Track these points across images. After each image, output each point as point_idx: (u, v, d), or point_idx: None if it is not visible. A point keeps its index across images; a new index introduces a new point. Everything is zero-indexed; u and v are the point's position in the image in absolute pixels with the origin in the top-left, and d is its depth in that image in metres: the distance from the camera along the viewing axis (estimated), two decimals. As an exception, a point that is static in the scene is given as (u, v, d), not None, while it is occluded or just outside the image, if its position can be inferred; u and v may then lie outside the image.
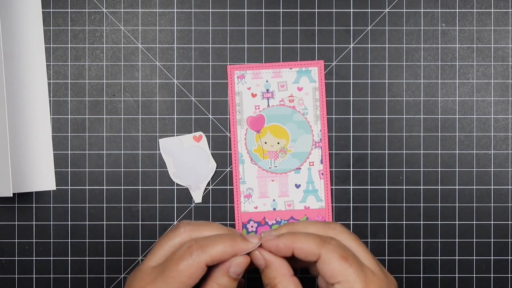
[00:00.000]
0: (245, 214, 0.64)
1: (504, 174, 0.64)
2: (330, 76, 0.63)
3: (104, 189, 0.64)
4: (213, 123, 0.64)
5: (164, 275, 0.51)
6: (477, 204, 0.64)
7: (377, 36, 0.64)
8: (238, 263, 0.53)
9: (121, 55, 0.64)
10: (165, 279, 0.51)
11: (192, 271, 0.51)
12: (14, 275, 0.64)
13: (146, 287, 0.52)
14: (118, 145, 0.64)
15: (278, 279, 0.53)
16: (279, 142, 0.63)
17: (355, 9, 0.64)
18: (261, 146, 0.63)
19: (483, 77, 0.64)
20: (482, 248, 0.64)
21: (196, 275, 0.51)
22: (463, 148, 0.64)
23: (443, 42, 0.64)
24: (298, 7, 0.64)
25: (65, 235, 0.64)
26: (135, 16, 0.64)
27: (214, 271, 0.53)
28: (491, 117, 0.64)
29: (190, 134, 0.64)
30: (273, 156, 0.63)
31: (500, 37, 0.64)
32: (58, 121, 0.64)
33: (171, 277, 0.51)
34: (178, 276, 0.51)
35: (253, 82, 0.63)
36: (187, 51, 0.64)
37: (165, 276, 0.51)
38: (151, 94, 0.64)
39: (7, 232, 0.64)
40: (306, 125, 0.63)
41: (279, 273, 0.54)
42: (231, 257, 0.53)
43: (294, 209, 0.64)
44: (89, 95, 0.64)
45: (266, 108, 0.63)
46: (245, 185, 0.64)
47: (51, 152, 0.64)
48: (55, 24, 0.64)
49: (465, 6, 0.64)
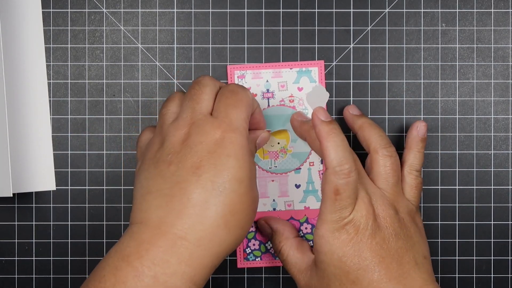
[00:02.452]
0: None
1: (504, 174, 0.64)
2: (330, 76, 0.63)
3: (104, 189, 0.64)
4: (213, 123, 0.64)
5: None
6: (477, 204, 0.64)
7: (377, 36, 0.64)
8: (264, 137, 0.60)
9: (121, 55, 0.64)
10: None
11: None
12: (14, 275, 0.64)
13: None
14: (118, 145, 0.64)
15: (282, 242, 0.59)
16: (279, 142, 0.63)
17: (355, 9, 0.64)
18: (261, 146, 0.63)
19: (483, 77, 0.64)
20: (482, 248, 0.64)
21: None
22: (463, 148, 0.64)
23: (443, 42, 0.64)
24: (298, 7, 0.64)
25: (65, 235, 0.64)
26: (135, 16, 0.64)
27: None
28: (491, 117, 0.64)
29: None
30: (273, 156, 0.63)
31: (500, 37, 0.64)
32: (58, 121, 0.64)
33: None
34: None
35: (253, 82, 0.63)
36: (187, 51, 0.64)
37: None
38: (151, 94, 0.64)
39: (7, 232, 0.64)
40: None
41: (283, 237, 0.60)
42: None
43: (294, 209, 0.64)
44: (89, 95, 0.64)
45: (267, 108, 0.63)
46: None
47: (51, 152, 0.63)
48: (55, 24, 0.64)
49: (465, 6, 0.64)
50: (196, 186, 0.50)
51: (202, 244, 0.50)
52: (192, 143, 0.52)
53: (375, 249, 0.53)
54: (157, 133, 0.55)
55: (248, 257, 0.63)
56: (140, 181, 0.53)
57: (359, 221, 0.53)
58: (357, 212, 0.54)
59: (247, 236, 0.63)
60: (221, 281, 0.64)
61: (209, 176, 0.51)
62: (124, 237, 0.51)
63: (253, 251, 0.63)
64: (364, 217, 0.54)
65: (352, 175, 0.53)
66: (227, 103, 0.54)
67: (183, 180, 0.51)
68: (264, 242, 0.63)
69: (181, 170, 0.51)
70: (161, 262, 0.49)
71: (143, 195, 0.52)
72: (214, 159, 0.51)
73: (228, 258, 0.64)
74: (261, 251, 0.63)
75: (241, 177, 0.51)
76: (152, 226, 0.50)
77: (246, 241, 0.63)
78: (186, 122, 0.53)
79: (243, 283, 0.64)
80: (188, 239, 0.50)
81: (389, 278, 0.53)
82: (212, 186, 0.50)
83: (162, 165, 0.52)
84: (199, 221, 0.50)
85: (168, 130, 0.53)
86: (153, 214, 0.51)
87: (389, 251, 0.54)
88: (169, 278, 0.49)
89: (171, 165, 0.51)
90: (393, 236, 0.54)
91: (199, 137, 0.52)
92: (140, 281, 0.49)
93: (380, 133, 0.58)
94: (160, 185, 0.51)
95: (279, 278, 0.64)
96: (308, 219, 0.63)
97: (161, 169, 0.52)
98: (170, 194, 0.51)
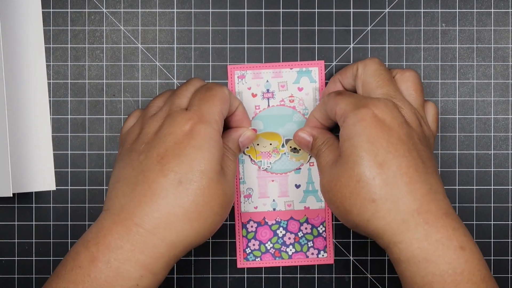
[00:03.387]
0: (245, 214, 0.64)
1: (504, 174, 0.64)
2: (331, 76, 0.63)
3: (104, 189, 0.64)
4: (213, 123, 0.64)
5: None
6: (477, 204, 0.64)
7: (377, 36, 0.64)
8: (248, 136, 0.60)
9: (121, 55, 0.64)
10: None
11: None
12: (14, 275, 0.64)
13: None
14: (118, 145, 0.64)
15: (326, 141, 0.58)
16: (271, 143, 0.63)
17: (355, 9, 0.64)
18: (253, 147, 0.63)
19: (483, 77, 0.64)
20: (482, 248, 0.63)
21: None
22: (463, 148, 0.64)
23: (443, 42, 0.64)
24: (298, 7, 0.64)
25: (65, 235, 0.64)
26: (135, 16, 0.64)
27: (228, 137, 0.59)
28: (491, 117, 0.64)
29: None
30: (265, 157, 0.63)
31: (500, 37, 0.64)
32: (58, 121, 0.64)
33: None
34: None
35: (253, 82, 0.63)
36: (187, 51, 0.64)
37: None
38: (151, 94, 0.64)
39: (7, 232, 0.64)
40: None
41: (326, 137, 0.58)
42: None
43: (294, 209, 0.64)
44: (89, 95, 0.64)
45: (267, 108, 0.63)
46: (245, 185, 0.64)
47: (51, 152, 0.63)
48: (55, 24, 0.64)
49: (465, 6, 0.64)
50: (158, 175, 0.52)
51: (157, 232, 0.51)
52: (162, 134, 0.53)
53: (404, 139, 0.53)
54: (137, 123, 0.57)
55: (248, 257, 0.63)
56: (114, 170, 0.55)
57: (389, 109, 0.54)
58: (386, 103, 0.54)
59: (247, 236, 0.63)
60: (221, 281, 0.64)
61: (171, 166, 0.52)
62: (92, 224, 0.54)
63: (253, 251, 0.63)
64: (394, 109, 0.54)
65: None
66: (201, 97, 0.55)
67: (147, 169, 0.52)
68: (264, 242, 0.63)
69: (148, 159, 0.53)
70: (115, 248, 0.51)
71: (113, 183, 0.54)
72: (179, 150, 0.52)
73: (228, 258, 0.64)
74: (261, 251, 0.63)
75: (204, 169, 0.52)
76: (114, 213, 0.52)
77: (246, 241, 0.63)
78: (163, 114, 0.55)
79: (243, 283, 0.64)
80: (144, 226, 0.51)
81: (415, 169, 0.52)
82: (174, 176, 0.52)
83: (134, 155, 0.54)
84: (156, 209, 0.51)
85: (146, 121, 0.56)
86: (117, 201, 0.53)
87: (415, 147, 0.53)
88: (122, 264, 0.50)
89: (141, 154, 0.53)
90: (419, 138, 0.54)
91: (169, 128, 0.53)
92: (95, 266, 0.50)
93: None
94: (128, 173, 0.53)
95: (279, 278, 0.64)
96: (308, 219, 0.63)
97: (132, 158, 0.54)
98: (134, 183, 0.52)
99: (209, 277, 0.64)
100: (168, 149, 0.52)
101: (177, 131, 0.53)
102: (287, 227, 0.63)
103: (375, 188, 0.51)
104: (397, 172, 0.51)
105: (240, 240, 0.63)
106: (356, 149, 0.52)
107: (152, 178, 0.52)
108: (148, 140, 0.54)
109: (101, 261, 0.50)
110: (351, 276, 0.64)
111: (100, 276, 0.50)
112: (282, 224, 0.64)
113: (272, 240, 0.63)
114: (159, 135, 0.54)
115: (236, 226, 0.63)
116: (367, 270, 0.64)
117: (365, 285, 0.64)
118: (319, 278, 0.64)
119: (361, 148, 0.52)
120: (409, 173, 0.52)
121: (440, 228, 0.51)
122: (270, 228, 0.64)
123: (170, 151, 0.52)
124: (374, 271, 0.64)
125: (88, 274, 0.50)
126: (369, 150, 0.52)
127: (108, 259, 0.50)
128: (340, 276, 0.64)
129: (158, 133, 0.54)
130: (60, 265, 0.52)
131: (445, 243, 0.51)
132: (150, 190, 0.52)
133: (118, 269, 0.50)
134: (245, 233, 0.63)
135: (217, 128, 0.54)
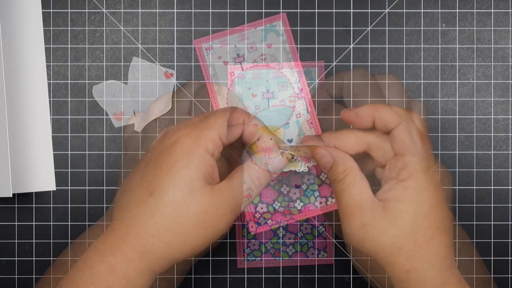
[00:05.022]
0: (244, 214, 0.63)
1: (504, 174, 0.64)
2: (331, 76, 0.63)
3: (104, 189, 0.64)
4: (213, 123, 0.64)
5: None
6: (477, 204, 0.64)
7: (377, 37, 0.64)
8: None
9: (121, 55, 0.64)
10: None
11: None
12: (14, 275, 0.64)
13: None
14: (118, 145, 0.64)
15: (347, 171, 0.54)
16: (272, 138, 0.63)
17: (355, 10, 0.64)
18: (254, 143, 0.63)
19: (483, 78, 0.64)
20: (482, 248, 0.64)
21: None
22: (463, 148, 0.64)
23: (443, 42, 0.64)
24: (298, 7, 0.64)
25: (65, 235, 0.64)
26: (135, 17, 0.64)
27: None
28: (491, 118, 0.64)
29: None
30: (266, 152, 0.63)
31: (500, 38, 0.64)
32: (58, 121, 0.64)
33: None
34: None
35: (253, 82, 0.63)
36: (187, 51, 0.64)
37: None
38: (151, 94, 0.64)
39: (7, 232, 0.64)
40: (306, 125, 0.63)
41: (347, 165, 0.54)
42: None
43: (294, 209, 0.63)
44: (89, 95, 0.64)
45: (267, 108, 0.63)
46: (245, 185, 0.64)
47: (51, 152, 0.63)
48: (55, 24, 0.64)
49: (465, 6, 0.64)
50: (144, 185, 0.52)
51: (127, 239, 0.51)
52: (164, 145, 0.53)
53: (446, 212, 0.52)
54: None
55: (248, 257, 0.63)
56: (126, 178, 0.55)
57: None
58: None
59: (247, 236, 0.63)
60: (221, 281, 0.64)
61: (156, 179, 0.51)
62: (103, 233, 0.53)
63: (253, 251, 0.63)
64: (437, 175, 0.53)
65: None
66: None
67: (147, 179, 0.52)
68: (264, 242, 0.63)
69: (155, 170, 0.52)
70: (132, 259, 0.51)
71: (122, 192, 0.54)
72: (161, 160, 0.52)
73: (228, 259, 0.64)
74: (261, 251, 0.63)
75: (176, 182, 0.51)
76: (128, 224, 0.51)
77: (246, 241, 0.63)
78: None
79: (243, 283, 0.64)
80: (118, 233, 0.51)
81: (446, 244, 0.52)
82: (153, 186, 0.51)
83: (142, 163, 0.53)
84: (132, 218, 0.51)
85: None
86: (129, 211, 0.52)
87: (448, 220, 0.53)
88: (138, 274, 0.51)
89: (148, 164, 0.53)
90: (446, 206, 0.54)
91: (167, 139, 0.53)
92: (112, 275, 0.50)
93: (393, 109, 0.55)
94: (136, 183, 0.52)
95: (279, 278, 0.64)
96: (308, 219, 0.63)
97: (141, 167, 0.53)
98: (139, 193, 0.52)
99: (209, 277, 0.64)
100: (152, 158, 0.53)
101: (164, 144, 0.53)
102: (287, 227, 0.63)
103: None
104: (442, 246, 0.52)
105: (240, 240, 0.63)
106: (410, 218, 0.52)
107: (145, 186, 0.52)
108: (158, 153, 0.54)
109: (120, 272, 0.50)
110: (351, 276, 0.64)
111: (118, 286, 0.50)
112: (282, 224, 0.64)
113: (272, 240, 0.63)
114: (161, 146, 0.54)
115: (236, 226, 0.63)
116: (367, 270, 0.64)
117: (365, 285, 0.64)
118: (319, 278, 0.64)
119: (415, 219, 0.52)
120: (447, 251, 0.52)
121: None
122: (270, 228, 0.64)
123: (158, 162, 0.52)
124: (374, 271, 0.64)
125: (107, 285, 0.50)
126: (421, 222, 0.52)
127: (126, 269, 0.50)
128: (340, 276, 0.64)
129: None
130: (73, 271, 0.51)
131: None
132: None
133: (135, 280, 0.51)
134: (245, 233, 0.63)
135: (204, 144, 0.53)
